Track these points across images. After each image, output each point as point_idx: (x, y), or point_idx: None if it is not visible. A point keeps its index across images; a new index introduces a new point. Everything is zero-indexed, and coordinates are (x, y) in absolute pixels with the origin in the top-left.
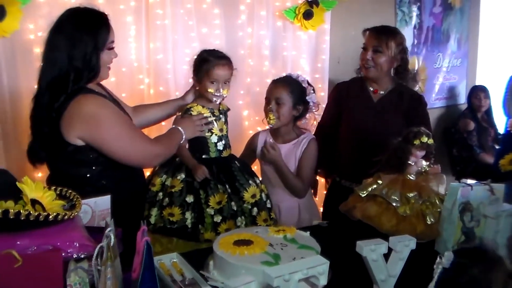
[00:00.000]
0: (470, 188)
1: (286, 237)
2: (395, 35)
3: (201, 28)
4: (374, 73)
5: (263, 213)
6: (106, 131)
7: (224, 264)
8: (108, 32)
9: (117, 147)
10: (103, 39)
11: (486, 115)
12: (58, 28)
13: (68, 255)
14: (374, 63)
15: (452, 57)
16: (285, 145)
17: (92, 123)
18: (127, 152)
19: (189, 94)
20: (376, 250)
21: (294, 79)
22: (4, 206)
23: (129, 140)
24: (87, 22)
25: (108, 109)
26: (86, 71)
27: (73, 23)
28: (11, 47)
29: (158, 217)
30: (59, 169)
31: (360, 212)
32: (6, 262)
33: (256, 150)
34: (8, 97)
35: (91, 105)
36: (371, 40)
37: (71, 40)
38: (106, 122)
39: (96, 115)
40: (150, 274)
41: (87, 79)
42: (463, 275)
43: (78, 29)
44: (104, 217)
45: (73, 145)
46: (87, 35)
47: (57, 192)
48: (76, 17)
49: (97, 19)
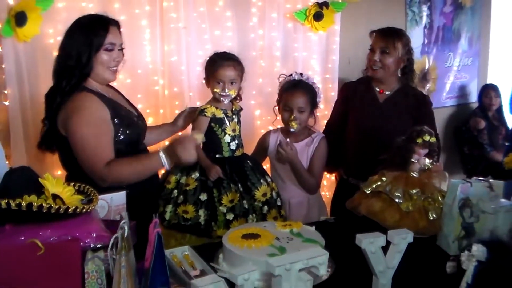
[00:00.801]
0: (470, 184)
1: (293, 231)
2: (401, 37)
3: (213, 30)
4: (381, 74)
5: (273, 211)
6: (75, 124)
7: (232, 256)
8: (106, 34)
9: (76, 145)
10: (100, 40)
11: (497, 114)
12: (69, 33)
13: (85, 245)
14: (381, 64)
15: (463, 56)
16: (297, 144)
17: (70, 113)
18: (79, 156)
19: (179, 119)
20: (375, 242)
21: (309, 85)
22: (28, 200)
23: (87, 147)
24: (84, 23)
25: (91, 108)
26: (77, 69)
27: (75, 26)
28: (32, 51)
29: (172, 214)
30: (66, 160)
31: (365, 208)
32: (30, 250)
33: (268, 149)
34: (29, 99)
35: (76, 101)
36: (378, 42)
37: (70, 40)
38: (80, 116)
39: (77, 107)
40: (160, 262)
41: (79, 77)
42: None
43: (76, 29)
44: (120, 212)
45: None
46: (82, 35)
47: (76, 187)
48: (79, 20)
49: (97, 21)
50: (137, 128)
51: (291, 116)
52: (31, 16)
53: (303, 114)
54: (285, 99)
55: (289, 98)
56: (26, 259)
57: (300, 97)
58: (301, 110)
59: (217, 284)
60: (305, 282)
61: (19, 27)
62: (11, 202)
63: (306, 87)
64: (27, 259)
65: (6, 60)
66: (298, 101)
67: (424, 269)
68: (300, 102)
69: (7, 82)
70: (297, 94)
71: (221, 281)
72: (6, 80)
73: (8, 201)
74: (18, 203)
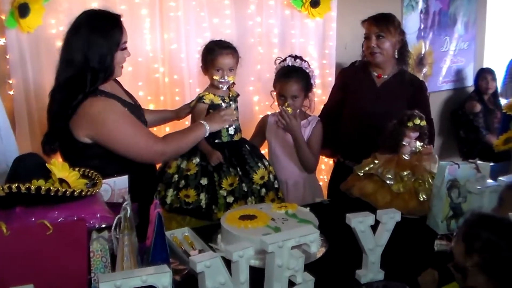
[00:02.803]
0: (457, 166)
1: (288, 212)
2: (392, 19)
3: (212, 18)
4: (380, 58)
5: (271, 193)
6: (111, 131)
7: (230, 236)
8: (121, 34)
9: (121, 146)
10: (117, 40)
11: (492, 97)
12: (75, 29)
13: (91, 225)
14: (379, 48)
15: (459, 40)
16: None
17: (98, 123)
18: (131, 150)
19: (183, 111)
20: (364, 221)
21: (301, 70)
22: (37, 184)
23: (132, 139)
24: (101, 25)
25: (113, 110)
26: (102, 72)
27: (89, 26)
28: (35, 41)
29: (174, 197)
30: (72, 160)
31: (358, 190)
32: (40, 230)
33: (266, 131)
34: (33, 89)
35: (97, 107)
36: (372, 28)
37: (87, 41)
38: (110, 123)
39: (101, 116)
40: (161, 240)
41: (103, 79)
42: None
43: (93, 31)
44: (123, 195)
45: (82, 142)
46: (102, 37)
47: (81, 172)
48: (91, 19)
49: (111, 22)
50: (141, 121)
51: (286, 103)
52: (34, 7)
53: (297, 100)
54: (279, 88)
55: (282, 86)
56: (36, 239)
57: (293, 85)
58: (295, 97)
59: (214, 260)
60: (297, 259)
61: (22, 18)
62: (21, 186)
63: (299, 74)
64: (37, 238)
65: (11, 51)
66: (291, 89)
67: (413, 248)
68: (293, 90)
69: (12, 72)
70: (290, 82)
71: (218, 257)
72: (11, 70)
73: (18, 185)
74: (28, 187)
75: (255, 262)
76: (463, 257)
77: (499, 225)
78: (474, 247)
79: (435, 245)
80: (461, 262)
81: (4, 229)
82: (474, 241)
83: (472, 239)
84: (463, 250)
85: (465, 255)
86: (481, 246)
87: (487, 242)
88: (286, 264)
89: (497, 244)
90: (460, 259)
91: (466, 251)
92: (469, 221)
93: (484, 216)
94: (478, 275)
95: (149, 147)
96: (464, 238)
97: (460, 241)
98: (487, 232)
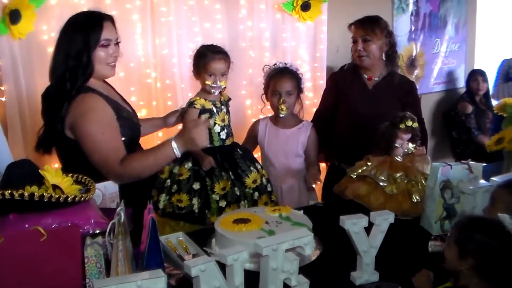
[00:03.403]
0: (450, 167)
1: (282, 215)
2: (378, 22)
3: (203, 23)
4: (367, 61)
5: (264, 196)
6: (87, 125)
7: (224, 240)
8: (101, 30)
9: (89, 147)
10: (96, 37)
11: (484, 98)
12: (62, 31)
13: (85, 231)
14: (366, 52)
15: (450, 42)
16: (288, 130)
17: (79, 116)
18: (94, 158)
19: (171, 117)
20: (357, 223)
21: (293, 71)
22: (30, 190)
23: (101, 148)
24: (79, 22)
25: (99, 109)
26: (80, 69)
27: (69, 24)
28: (27, 48)
29: (167, 202)
30: (67, 162)
31: (351, 192)
32: (33, 236)
33: (258, 137)
34: (25, 94)
35: (84, 102)
36: (358, 32)
37: (67, 40)
38: (90, 118)
39: (86, 110)
40: (155, 245)
41: (83, 77)
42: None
43: (74, 28)
44: (114, 199)
45: (72, 139)
46: (79, 34)
47: (74, 178)
48: (73, 18)
49: (89, 19)
50: (137, 129)
51: (280, 100)
52: (25, 14)
53: (291, 97)
54: (273, 85)
55: (277, 83)
56: (30, 245)
57: (287, 81)
58: (289, 93)
59: (208, 264)
60: (291, 262)
61: (13, 25)
62: (15, 192)
63: (292, 72)
64: (31, 245)
65: (2, 57)
66: (286, 85)
67: (407, 249)
68: (287, 86)
69: (4, 79)
70: (284, 78)
71: (212, 261)
72: (3, 77)
73: (12, 192)
74: (21, 193)
75: (250, 266)
76: (457, 260)
77: (490, 226)
78: (467, 250)
79: (429, 246)
80: (454, 265)
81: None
82: (467, 244)
83: (465, 242)
84: (456, 253)
85: (459, 258)
86: (475, 248)
87: (481, 244)
88: (280, 267)
89: (490, 246)
90: (453, 262)
91: (460, 254)
92: (461, 224)
93: (475, 218)
94: (471, 276)
95: (109, 164)
96: (457, 241)
97: (452, 244)
98: (480, 234)
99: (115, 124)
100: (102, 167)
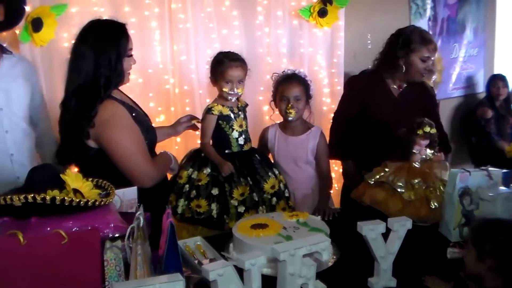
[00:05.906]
0: (469, 173)
1: (299, 221)
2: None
3: (221, 29)
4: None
5: (282, 202)
6: (113, 134)
7: (242, 245)
8: (128, 41)
9: (119, 154)
10: (124, 47)
11: (504, 103)
12: (82, 38)
13: (104, 234)
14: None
15: (469, 47)
16: (298, 137)
17: (104, 124)
18: (126, 165)
19: (180, 126)
20: (375, 229)
21: (302, 77)
22: (51, 194)
23: (134, 153)
24: (108, 32)
25: (122, 115)
26: (114, 77)
27: (96, 33)
28: (48, 55)
29: (185, 207)
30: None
31: (369, 198)
32: (55, 239)
33: (268, 144)
34: (47, 100)
35: (109, 110)
36: (433, 52)
37: (96, 49)
38: (115, 126)
39: (110, 117)
40: (173, 249)
41: (115, 85)
42: None
43: (100, 38)
44: (132, 206)
45: (93, 148)
46: (110, 44)
47: (94, 182)
48: (98, 27)
49: (117, 29)
50: (153, 133)
51: (288, 105)
52: (46, 22)
53: (300, 102)
54: (281, 90)
55: (285, 88)
56: (51, 248)
57: (295, 87)
58: (297, 98)
59: (226, 269)
60: (309, 267)
61: (35, 33)
62: (37, 196)
63: (300, 78)
64: (52, 247)
65: None
66: (294, 90)
67: (425, 255)
68: (296, 91)
69: None
70: (293, 84)
71: (230, 265)
72: None
73: (34, 196)
74: (43, 197)
75: (267, 271)
76: (476, 262)
77: (506, 227)
78: (485, 250)
79: (448, 253)
80: (474, 268)
81: (21, 238)
82: (485, 244)
83: (483, 243)
84: (474, 255)
85: (477, 260)
86: (492, 248)
87: (498, 244)
88: (298, 272)
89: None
90: (473, 266)
91: (478, 255)
92: (477, 227)
93: (491, 220)
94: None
95: (145, 168)
96: (474, 243)
97: (470, 247)
98: (496, 235)
99: (137, 127)
100: (135, 172)
